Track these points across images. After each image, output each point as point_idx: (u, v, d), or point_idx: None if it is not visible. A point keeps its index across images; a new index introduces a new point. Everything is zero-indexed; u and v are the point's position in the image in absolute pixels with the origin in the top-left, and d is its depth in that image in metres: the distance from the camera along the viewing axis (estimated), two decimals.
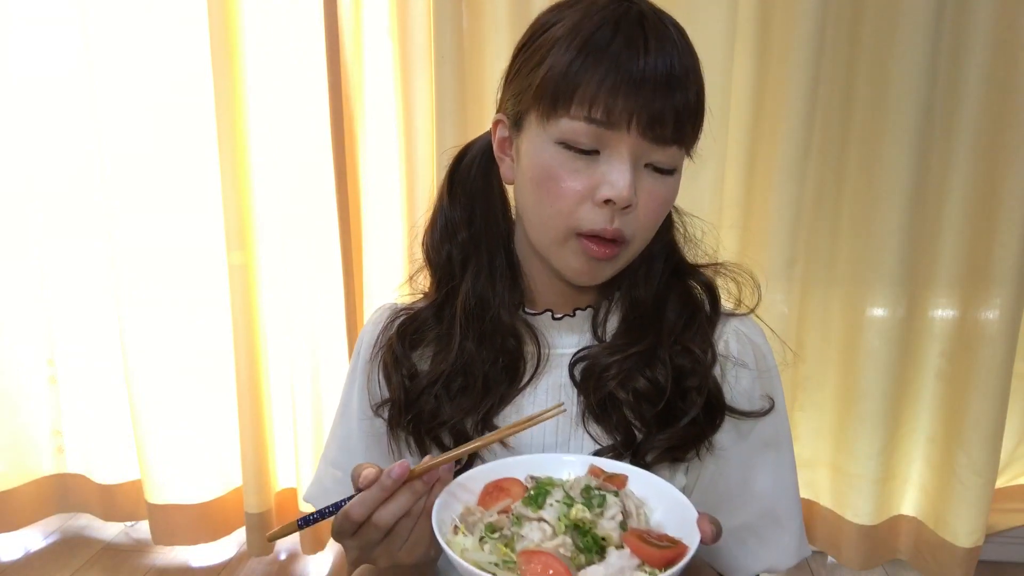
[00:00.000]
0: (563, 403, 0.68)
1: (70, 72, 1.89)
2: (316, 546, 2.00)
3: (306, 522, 0.63)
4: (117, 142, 1.84)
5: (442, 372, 0.78)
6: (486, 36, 1.68)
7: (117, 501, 2.13)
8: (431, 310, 0.82)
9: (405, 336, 0.81)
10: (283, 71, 1.77)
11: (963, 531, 1.78)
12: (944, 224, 1.71)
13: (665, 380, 0.74)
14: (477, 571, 0.55)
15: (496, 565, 0.57)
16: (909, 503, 1.90)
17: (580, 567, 0.57)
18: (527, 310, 0.81)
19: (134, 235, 1.89)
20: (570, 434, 0.77)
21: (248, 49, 1.76)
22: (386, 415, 0.81)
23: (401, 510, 0.62)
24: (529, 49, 0.71)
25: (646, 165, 0.69)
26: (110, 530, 2.22)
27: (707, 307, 0.80)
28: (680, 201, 0.82)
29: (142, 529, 2.16)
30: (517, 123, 0.73)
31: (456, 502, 0.64)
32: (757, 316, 0.83)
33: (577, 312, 0.80)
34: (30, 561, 2.10)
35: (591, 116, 0.66)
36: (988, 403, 1.70)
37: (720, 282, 0.82)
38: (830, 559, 2.00)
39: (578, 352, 0.79)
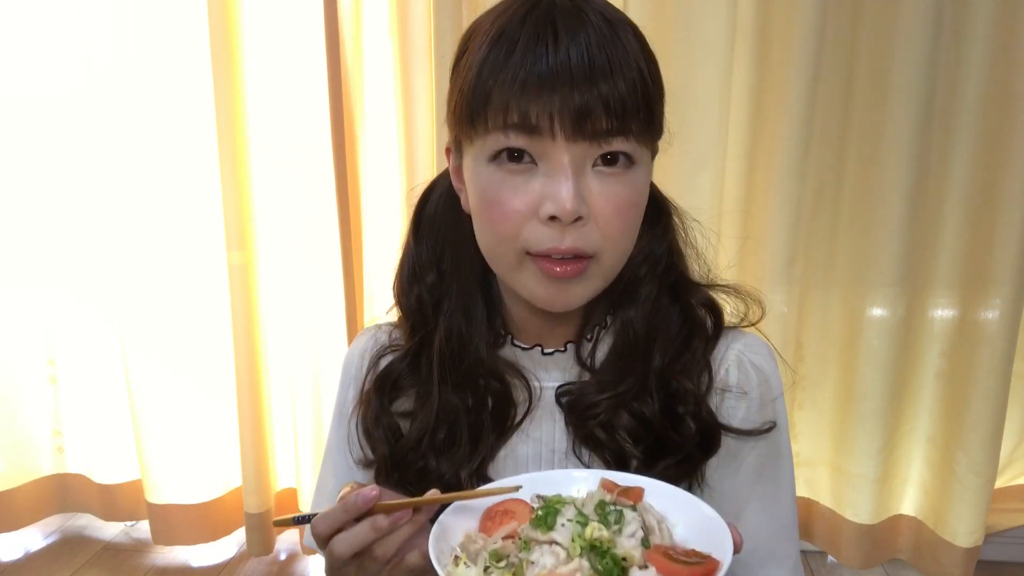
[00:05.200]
0: (521, 486, 0.61)
1: (70, 72, 1.88)
2: None
3: (300, 520, 0.64)
4: (117, 141, 1.84)
5: (426, 428, 0.72)
6: None
7: (117, 501, 2.13)
8: (406, 360, 0.76)
9: (383, 390, 0.76)
10: (283, 71, 1.77)
11: (963, 531, 1.78)
12: (944, 224, 1.71)
13: (652, 415, 0.69)
14: None
15: None
16: (909, 503, 1.90)
17: None
18: (516, 342, 0.76)
19: (134, 235, 1.89)
20: (564, 464, 0.73)
21: (248, 49, 1.76)
22: (372, 472, 0.77)
23: (358, 543, 0.58)
24: (455, 68, 0.66)
25: (595, 166, 0.62)
26: (110, 530, 2.22)
27: (709, 328, 0.74)
28: (680, 202, 0.79)
29: (142, 529, 2.16)
30: (458, 148, 0.68)
31: (456, 529, 0.59)
32: (760, 331, 0.78)
33: (568, 346, 0.75)
34: (30, 561, 2.10)
35: (507, 123, 0.60)
36: (988, 403, 1.70)
37: (723, 297, 0.76)
38: (830, 559, 2.00)
39: (561, 387, 0.74)
